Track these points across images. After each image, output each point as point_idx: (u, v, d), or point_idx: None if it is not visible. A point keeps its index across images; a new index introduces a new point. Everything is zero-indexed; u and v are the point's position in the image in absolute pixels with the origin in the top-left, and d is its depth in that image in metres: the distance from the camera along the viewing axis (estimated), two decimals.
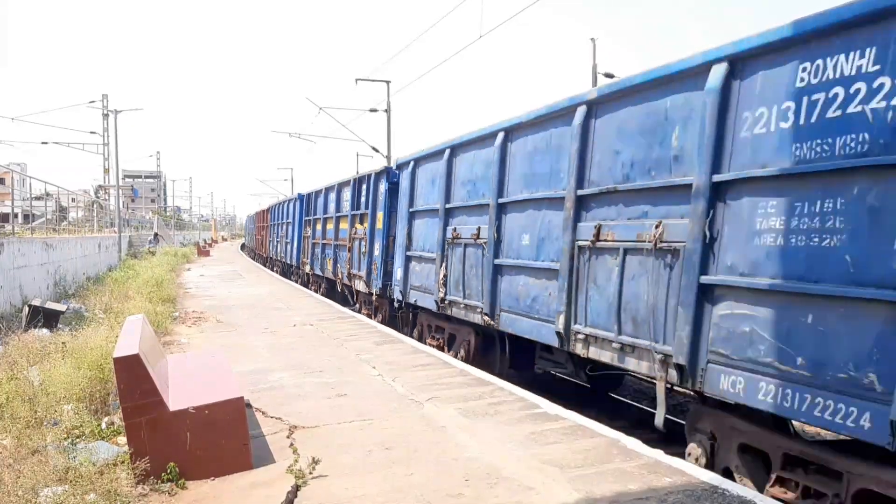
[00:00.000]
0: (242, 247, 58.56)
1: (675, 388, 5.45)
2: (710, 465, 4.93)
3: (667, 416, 5.34)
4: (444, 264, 9.32)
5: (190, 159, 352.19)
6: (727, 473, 4.78)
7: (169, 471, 4.28)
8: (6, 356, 7.82)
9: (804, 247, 4.06)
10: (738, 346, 4.46)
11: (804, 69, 4.16)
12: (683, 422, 5.46)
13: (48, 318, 10.95)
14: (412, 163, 10.85)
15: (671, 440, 5.76)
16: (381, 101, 25.54)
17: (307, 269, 20.23)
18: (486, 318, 8.01)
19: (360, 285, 13.99)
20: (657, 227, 5.21)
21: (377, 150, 26.01)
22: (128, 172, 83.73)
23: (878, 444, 3.63)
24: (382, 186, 12.73)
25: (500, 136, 7.84)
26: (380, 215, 12.85)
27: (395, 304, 11.73)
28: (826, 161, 3.96)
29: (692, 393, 5.28)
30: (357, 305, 14.95)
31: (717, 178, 4.67)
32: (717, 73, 4.71)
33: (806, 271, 4.03)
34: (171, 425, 4.33)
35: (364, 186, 13.98)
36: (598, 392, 8.60)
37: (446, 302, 9.24)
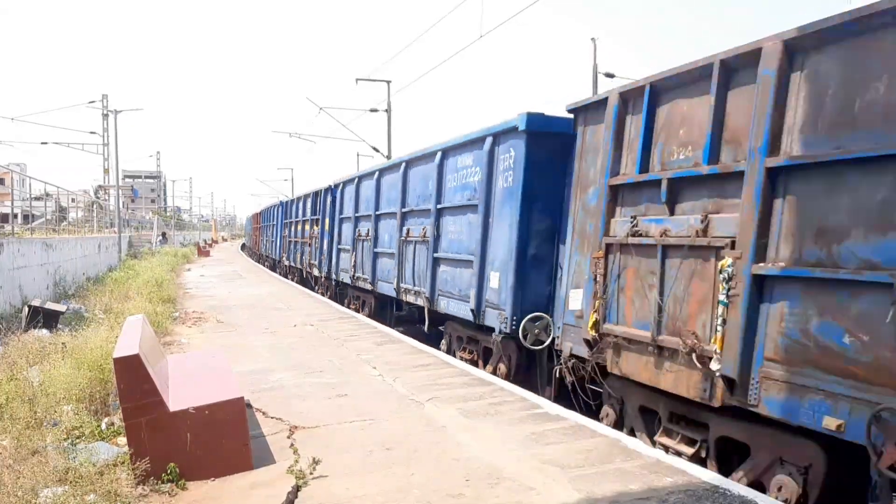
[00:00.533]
0: (243, 247, 58.52)
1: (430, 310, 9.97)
2: (449, 351, 9.47)
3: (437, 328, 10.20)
4: (353, 253, 14.28)
5: (190, 159, 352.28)
6: (454, 353, 9.26)
7: (169, 471, 4.27)
8: (6, 357, 7.81)
9: (456, 238, 9.03)
10: (444, 286, 9.34)
11: (460, 159, 9.01)
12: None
13: (48, 319, 10.94)
14: (342, 184, 15.97)
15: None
16: (382, 101, 25.52)
17: (285, 261, 25.34)
18: (371, 285, 12.93)
19: (315, 271, 19.02)
20: (423, 229, 10.11)
21: (377, 150, 25.98)
22: (128, 172, 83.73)
23: (469, 319, 8.33)
24: (329, 199, 17.17)
25: (377, 173, 12.93)
26: (327, 220, 17.41)
27: (334, 283, 16.78)
28: (461, 202, 8.83)
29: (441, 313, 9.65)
30: (316, 287, 19.35)
31: (438, 206, 9.54)
32: (438, 156, 9.62)
33: (457, 249, 8.92)
34: (171, 426, 4.32)
35: (319, 198, 18.81)
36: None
37: (355, 278, 14.13)
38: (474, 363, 8.59)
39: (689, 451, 5.15)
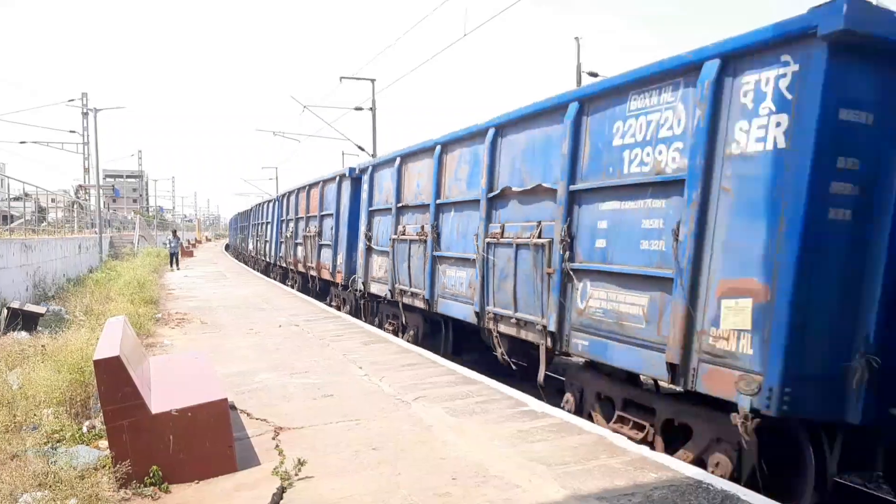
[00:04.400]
0: (227, 247, 57.98)
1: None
2: (329, 304, 15.32)
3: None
4: (283, 243, 21.09)
5: (173, 158, 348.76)
6: (329, 302, 15.65)
7: (152, 474, 4.21)
8: None
9: (329, 232, 15.20)
10: (326, 263, 15.37)
11: (332, 186, 15.10)
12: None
13: (27, 321, 10.79)
14: (281, 196, 22.12)
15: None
16: (367, 100, 25.44)
17: (253, 255, 32.00)
18: (291, 264, 19.25)
19: (271, 259, 25.14)
20: (318, 227, 16.20)
21: (362, 149, 25.87)
22: (109, 172, 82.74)
23: (334, 281, 14.92)
24: (276, 206, 23.37)
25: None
26: (275, 221, 23.62)
27: (280, 269, 22.77)
28: (331, 211, 15.12)
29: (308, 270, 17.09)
30: (272, 274, 24.84)
31: (322, 213, 16.04)
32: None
33: (328, 239, 15.20)
34: (153, 428, 4.26)
35: (271, 205, 25.39)
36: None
37: (288, 262, 20.26)
38: (338, 308, 14.51)
39: (399, 332, 10.68)
